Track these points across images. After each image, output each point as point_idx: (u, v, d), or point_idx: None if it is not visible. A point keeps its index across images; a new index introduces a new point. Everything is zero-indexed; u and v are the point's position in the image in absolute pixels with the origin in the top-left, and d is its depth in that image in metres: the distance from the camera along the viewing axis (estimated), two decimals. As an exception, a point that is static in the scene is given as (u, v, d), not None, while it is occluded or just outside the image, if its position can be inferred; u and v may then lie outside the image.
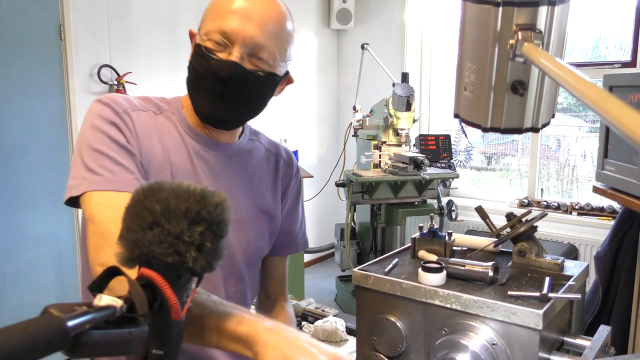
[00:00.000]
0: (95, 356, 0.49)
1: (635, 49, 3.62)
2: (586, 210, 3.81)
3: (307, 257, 4.73)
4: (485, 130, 0.62)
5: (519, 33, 0.52)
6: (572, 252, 3.67)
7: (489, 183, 5.15)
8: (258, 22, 0.99)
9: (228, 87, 1.01)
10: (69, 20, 3.08)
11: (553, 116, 0.65)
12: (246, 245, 1.14)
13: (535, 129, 0.61)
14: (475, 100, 0.60)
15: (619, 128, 0.38)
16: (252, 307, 1.31)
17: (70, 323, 0.45)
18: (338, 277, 4.16)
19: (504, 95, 0.58)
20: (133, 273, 0.57)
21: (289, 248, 1.29)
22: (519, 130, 0.61)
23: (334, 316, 2.04)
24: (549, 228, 3.84)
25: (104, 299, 0.50)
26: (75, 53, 3.13)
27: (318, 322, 1.95)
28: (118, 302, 0.50)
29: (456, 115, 0.68)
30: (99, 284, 0.54)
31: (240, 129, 1.17)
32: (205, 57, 1.01)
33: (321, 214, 4.92)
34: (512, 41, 0.53)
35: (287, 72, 1.11)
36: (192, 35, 1.08)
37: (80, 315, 0.46)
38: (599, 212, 3.74)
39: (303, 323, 2.01)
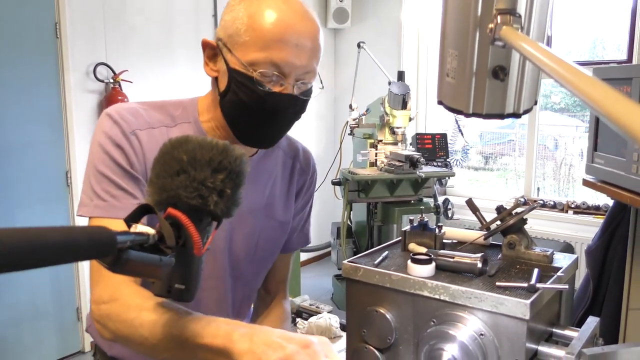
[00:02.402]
0: (130, 274, 0.58)
1: (631, 48, 3.63)
2: (582, 209, 3.82)
3: (304, 256, 4.73)
4: (467, 115, 0.62)
5: (498, 17, 0.53)
6: (567, 250, 3.67)
7: (486, 183, 5.17)
8: (308, 49, 0.97)
9: (279, 119, 1.00)
10: (64, 18, 3.08)
11: (535, 103, 0.65)
12: (253, 255, 1.15)
13: (517, 115, 0.62)
14: (457, 86, 0.61)
15: (596, 108, 0.38)
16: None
17: (119, 237, 0.54)
18: (334, 276, 4.17)
19: (485, 80, 0.58)
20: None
21: (293, 246, 1.29)
22: (501, 116, 0.62)
23: (328, 312, 2.04)
24: (545, 226, 3.85)
25: (139, 228, 0.59)
26: (71, 51, 3.13)
27: (312, 319, 1.96)
28: (151, 231, 0.59)
29: (439, 102, 0.68)
30: (133, 217, 0.62)
31: None
32: (256, 90, 0.96)
33: (318, 212, 4.90)
34: (491, 25, 0.53)
35: None
36: (207, 45, 1.01)
37: (125, 234, 0.56)
38: (594, 210, 3.75)
39: (297, 319, 2.02)
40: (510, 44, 0.49)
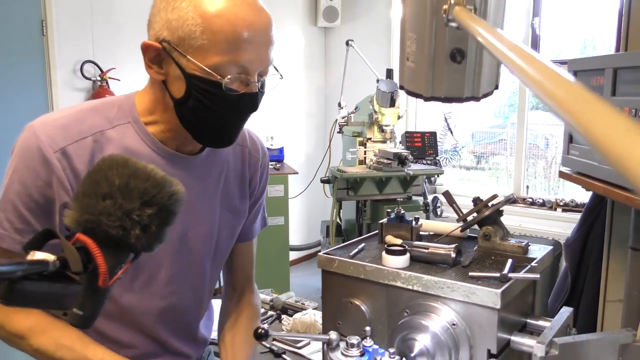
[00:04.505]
0: (30, 306, 0.54)
1: (618, 47, 3.64)
2: (571, 207, 3.83)
3: (293, 255, 4.72)
4: (426, 99, 0.62)
5: (452, -2, 0.53)
6: (556, 248, 3.69)
7: (477, 182, 5.18)
8: (267, 43, 0.93)
9: (244, 116, 0.98)
10: (51, 15, 3.06)
11: (497, 87, 0.65)
12: (215, 249, 1.13)
13: (475, 98, 0.61)
14: (417, 69, 0.60)
15: (551, 103, 0.35)
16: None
17: (5, 268, 0.49)
18: (325, 275, 4.16)
19: (443, 63, 0.58)
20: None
21: (252, 233, 1.27)
22: (460, 99, 0.61)
23: (313, 309, 2.04)
24: (534, 224, 3.86)
25: (37, 255, 0.53)
26: (57, 49, 3.11)
27: (297, 315, 1.95)
28: (50, 257, 0.54)
29: (401, 87, 0.68)
30: (34, 244, 0.57)
31: None
32: (224, 96, 0.92)
33: (307, 211, 4.92)
34: (445, 6, 0.53)
35: None
36: (149, 48, 0.93)
37: (10, 264, 0.50)
38: (582, 208, 3.76)
39: (282, 316, 2.01)
40: (461, 24, 0.48)
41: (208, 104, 0.93)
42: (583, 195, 3.88)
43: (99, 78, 3.26)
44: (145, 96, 1.02)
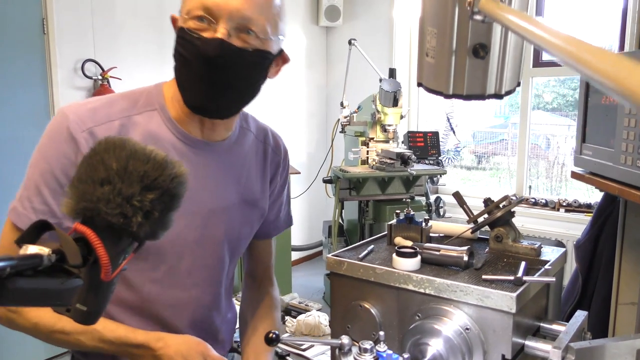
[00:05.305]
0: (26, 304, 0.51)
1: (622, 46, 3.62)
2: (573, 207, 3.80)
3: (295, 255, 4.70)
4: (447, 97, 0.60)
5: (477, -11, 0.50)
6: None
7: (479, 182, 5.17)
8: None
9: (216, 69, 0.92)
10: (52, 13, 3.04)
11: (519, 84, 0.63)
12: (237, 239, 1.13)
13: (499, 96, 0.59)
14: (437, 65, 0.58)
15: (597, 76, 0.35)
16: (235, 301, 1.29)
17: None
18: (326, 275, 4.14)
19: (465, 59, 0.56)
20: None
21: (274, 231, 1.27)
22: (482, 97, 0.59)
23: (317, 310, 2.02)
24: (536, 224, 3.84)
25: (30, 249, 0.50)
26: (58, 47, 3.08)
27: (301, 317, 1.94)
28: (45, 251, 0.50)
29: (419, 84, 0.66)
30: (27, 237, 0.52)
31: (236, 118, 1.09)
32: (188, 38, 0.92)
33: (309, 211, 4.90)
34: (470, -2, 0.51)
35: (281, 50, 1.02)
36: (174, 21, 0.99)
37: (1, 259, 0.46)
38: (586, 208, 3.74)
39: (286, 317, 1.99)
40: (490, 16, 0.46)
41: (179, 49, 0.94)
42: (586, 196, 3.86)
43: (100, 77, 3.24)
44: (172, 83, 1.03)
